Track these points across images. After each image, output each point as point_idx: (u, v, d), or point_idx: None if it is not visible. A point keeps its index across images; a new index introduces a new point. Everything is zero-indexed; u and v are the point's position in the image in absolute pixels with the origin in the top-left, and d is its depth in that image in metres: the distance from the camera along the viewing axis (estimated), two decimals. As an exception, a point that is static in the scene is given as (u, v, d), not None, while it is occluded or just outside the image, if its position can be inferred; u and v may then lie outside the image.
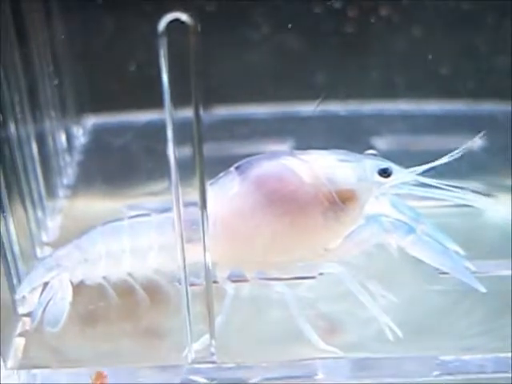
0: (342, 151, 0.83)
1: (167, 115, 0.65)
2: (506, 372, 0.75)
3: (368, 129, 1.14)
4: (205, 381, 0.74)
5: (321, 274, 0.83)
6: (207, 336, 0.75)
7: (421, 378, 0.76)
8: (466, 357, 0.77)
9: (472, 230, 0.93)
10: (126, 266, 0.81)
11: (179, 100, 0.65)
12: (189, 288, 0.71)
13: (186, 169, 0.85)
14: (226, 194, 0.78)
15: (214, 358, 0.75)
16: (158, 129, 1.12)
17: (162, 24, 0.60)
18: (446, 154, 0.81)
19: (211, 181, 0.80)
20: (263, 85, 1.15)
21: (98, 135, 1.15)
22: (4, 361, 0.75)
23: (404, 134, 1.13)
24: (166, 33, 0.61)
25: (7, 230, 0.78)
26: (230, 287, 0.79)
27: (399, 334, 0.78)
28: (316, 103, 0.92)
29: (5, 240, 0.77)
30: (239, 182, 0.78)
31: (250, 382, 0.75)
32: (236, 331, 0.79)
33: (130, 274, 0.81)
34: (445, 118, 1.15)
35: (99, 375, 0.69)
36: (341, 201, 0.79)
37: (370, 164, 0.82)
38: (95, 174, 1.06)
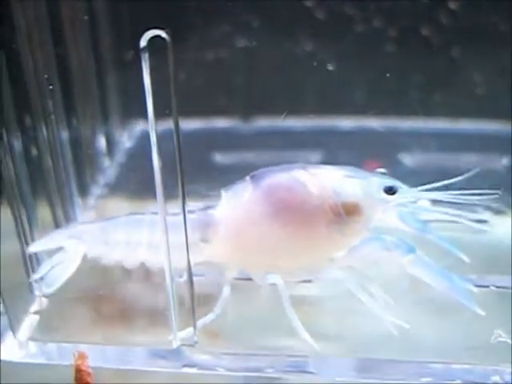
0: (350, 167, 0.86)
1: (150, 125, 0.72)
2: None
3: (402, 145, 1.16)
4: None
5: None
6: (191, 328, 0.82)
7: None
8: (456, 366, 0.81)
9: (481, 246, 0.94)
10: (141, 256, 0.87)
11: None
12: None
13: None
14: (239, 200, 0.84)
15: (196, 345, 0.82)
16: (201, 137, 1.21)
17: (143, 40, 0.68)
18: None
19: (226, 187, 0.86)
20: (303, 99, 1.21)
21: (144, 140, 1.23)
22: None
23: (437, 152, 1.16)
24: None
25: (29, 219, 0.88)
26: (227, 288, 0.85)
27: (407, 326, 0.81)
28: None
29: (26, 228, 0.88)
30: (251, 190, 0.83)
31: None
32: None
33: (143, 264, 0.88)
34: (479, 137, 1.17)
35: (81, 355, 0.76)
36: (345, 213, 0.82)
37: (376, 181, 0.85)
38: (134, 176, 1.13)
